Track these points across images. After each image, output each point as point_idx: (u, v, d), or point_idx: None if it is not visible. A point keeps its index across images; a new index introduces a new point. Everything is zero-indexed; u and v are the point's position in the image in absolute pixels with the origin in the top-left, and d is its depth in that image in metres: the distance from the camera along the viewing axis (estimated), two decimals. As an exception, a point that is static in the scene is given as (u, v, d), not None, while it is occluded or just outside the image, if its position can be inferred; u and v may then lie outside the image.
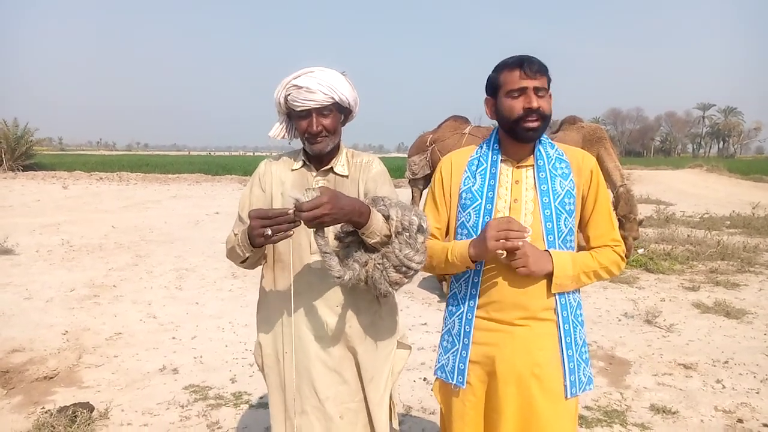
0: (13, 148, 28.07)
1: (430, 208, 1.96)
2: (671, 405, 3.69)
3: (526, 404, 1.79)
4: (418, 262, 1.64)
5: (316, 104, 1.79)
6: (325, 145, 1.86)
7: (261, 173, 1.98)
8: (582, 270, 1.80)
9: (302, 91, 1.78)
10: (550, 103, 1.77)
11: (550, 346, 1.81)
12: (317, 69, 1.82)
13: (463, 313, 1.87)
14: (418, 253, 1.64)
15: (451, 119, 8.64)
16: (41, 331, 5.06)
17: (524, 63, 1.72)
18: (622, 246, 1.89)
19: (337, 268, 1.60)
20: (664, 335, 5.14)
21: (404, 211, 1.66)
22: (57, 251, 8.92)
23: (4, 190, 19.45)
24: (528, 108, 1.72)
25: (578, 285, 1.83)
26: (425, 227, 1.67)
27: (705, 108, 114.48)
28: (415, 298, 6.38)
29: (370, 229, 1.62)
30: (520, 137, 1.79)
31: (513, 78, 1.73)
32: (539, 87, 1.73)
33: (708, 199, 18.55)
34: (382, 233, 1.64)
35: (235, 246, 1.77)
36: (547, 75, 1.76)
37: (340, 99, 1.82)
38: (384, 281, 1.64)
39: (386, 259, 1.64)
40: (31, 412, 3.57)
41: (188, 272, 7.63)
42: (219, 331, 5.22)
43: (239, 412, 3.59)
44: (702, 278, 7.37)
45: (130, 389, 3.95)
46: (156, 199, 18.14)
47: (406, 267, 1.63)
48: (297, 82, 1.79)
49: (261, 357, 2.03)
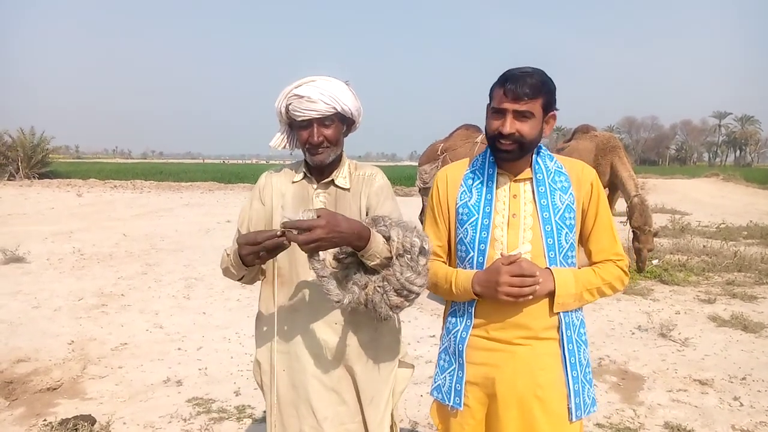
0: (30, 156, 28.45)
1: (430, 225, 1.89)
2: (686, 423, 3.57)
3: (528, 428, 1.71)
4: (419, 285, 1.58)
5: (318, 114, 1.74)
6: (326, 156, 1.80)
7: (261, 186, 1.93)
8: (585, 287, 1.72)
9: (303, 101, 1.73)
10: (534, 128, 1.66)
11: (553, 367, 1.73)
12: (319, 78, 1.77)
13: (459, 331, 1.80)
14: (420, 276, 1.58)
15: (463, 128, 8.57)
16: (47, 341, 5.05)
17: (509, 84, 1.63)
18: (626, 260, 1.81)
19: (335, 292, 1.53)
20: (679, 349, 5.01)
21: (406, 232, 1.59)
22: (68, 259, 8.95)
23: (20, 198, 19.66)
24: (500, 132, 1.66)
25: (581, 303, 1.75)
26: (427, 249, 1.60)
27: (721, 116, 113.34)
28: (424, 309, 6.30)
29: (369, 251, 1.55)
30: (497, 157, 1.75)
31: (498, 96, 1.67)
32: (522, 111, 1.63)
33: (724, 208, 18.28)
34: (383, 255, 1.57)
35: (229, 266, 1.74)
36: (542, 97, 1.64)
37: (342, 109, 1.77)
38: (384, 305, 1.57)
39: (387, 282, 1.57)
40: (33, 425, 3.53)
41: (197, 281, 7.60)
42: (225, 341, 5.18)
43: (242, 426, 3.53)
44: (718, 290, 7.20)
45: (133, 401, 3.90)
46: (168, 207, 18.23)
47: (407, 291, 1.56)
48: (298, 91, 1.74)
49: (260, 374, 1.97)
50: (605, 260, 1.78)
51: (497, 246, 1.74)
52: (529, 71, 1.65)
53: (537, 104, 1.65)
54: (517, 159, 1.72)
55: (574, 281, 1.70)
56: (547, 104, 1.67)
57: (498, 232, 1.74)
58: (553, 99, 1.68)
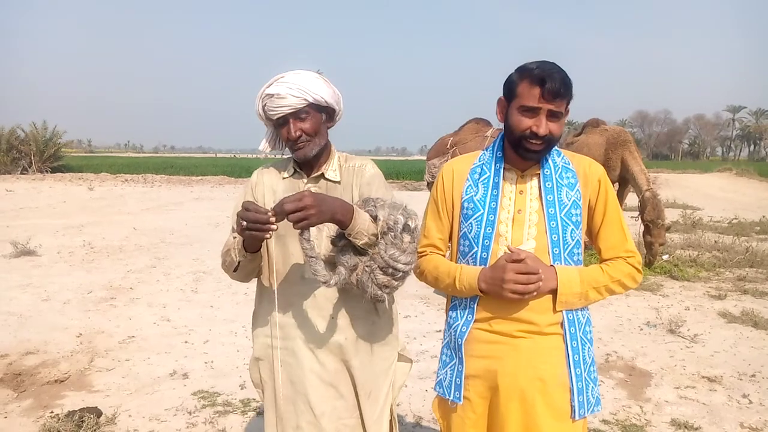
0: (42, 150, 28.68)
1: (432, 217, 1.86)
2: (693, 420, 3.54)
3: (530, 422, 1.69)
4: (405, 263, 1.58)
5: (290, 109, 1.75)
6: (309, 149, 1.80)
7: (253, 183, 1.94)
8: (591, 286, 1.69)
9: (274, 99, 1.76)
10: (561, 126, 1.65)
11: (556, 361, 1.71)
12: (288, 73, 1.79)
13: (459, 326, 1.78)
14: (405, 254, 1.58)
15: (473, 122, 8.52)
16: (56, 334, 5.09)
17: (547, 83, 1.57)
18: (638, 257, 1.76)
19: (322, 273, 1.55)
20: (688, 346, 4.96)
21: (392, 211, 1.59)
22: (78, 253, 9.02)
23: (32, 192, 19.85)
24: (534, 132, 1.62)
25: (587, 302, 1.72)
26: (412, 227, 1.61)
27: (735, 110, 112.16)
28: (431, 304, 6.28)
29: (355, 229, 1.56)
30: (521, 155, 1.70)
31: (531, 94, 1.60)
32: (555, 111, 1.61)
33: (737, 203, 18.06)
34: (370, 233, 1.58)
35: (231, 249, 1.75)
36: (569, 95, 1.62)
37: (314, 99, 1.77)
38: (372, 284, 1.58)
39: (373, 261, 1.58)
40: (40, 416, 3.56)
41: (205, 275, 7.63)
42: (232, 335, 5.19)
43: (246, 419, 3.54)
44: (729, 286, 7.12)
45: (139, 394, 3.93)
46: (178, 201, 18.32)
47: (392, 268, 1.57)
48: (269, 90, 1.77)
49: (258, 371, 1.96)
50: (615, 257, 1.75)
51: (502, 242, 1.72)
52: (555, 68, 1.60)
53: (566, 103, 1.63)
54: (540, 158, 1.71)
55: (579, 280, 1.68)
56: (570, 100, 1.65)
57: (503, 228, 1.72)
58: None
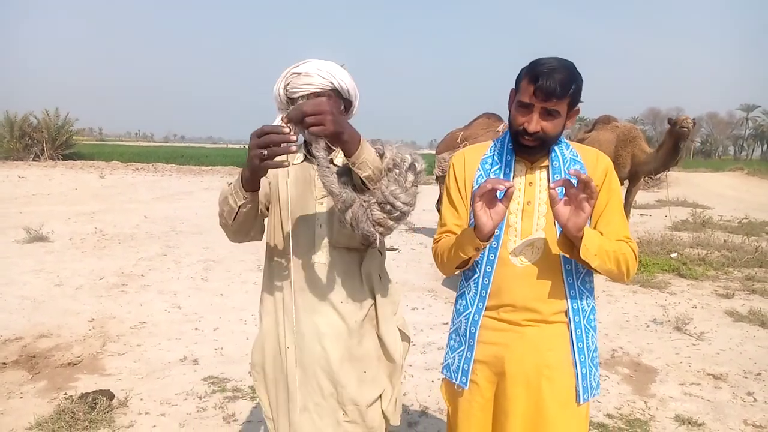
0: (54, 137, 28.82)
1: (448, 207, 1.89)
2: (698, 417, 3.57)
3: (535, 407, 1.74)
4: (404, 201, 1.58)
5: (315, 88, 1.78)
6: None
7: None
8: (605, 248, 1.67)
9: (301, 77, 1.79)
10: (558, 125, 1.67)
11: (561, 348, 1.76)
12: (315, 59, 1.84)
13: (470, 314, 1.82)
14: (406, 193, 1.59)
15: (484, 116, 8.52)
16: (69, 318, 5.17)
17: (540, 81, 1.59)
18: (635, 244, 1.80)
19: (336, 184, 1.54)
20: (694, 343, 4.97)
21: (399, 150, 1.62)
22: (89, 240, 9.12)
23: (44, 179, 19.99)
24: (523, 128, 1.67)
25: (601, 262, 1.67)
26: (418, 168, 1.63)
27: (749, 109, 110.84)
28: (438, 296, 6.32)
29: (360, 158, 1.53)
30: (517, 150, 1.76)
31: (526, 91, 1.64)
32: (550, 109, 1.63)
33: (748, 203, 17.93)
34: (374, 165, 1.56)
35: (228, 196, 1.70)
36: (570, 96, 1.63)
37: (339, 86, 1.81)
38: (366, 219, 1.58)
39: (372, 196, 1.58)
40: (54, 398, 3.64)
41: (215, 264, 7.71)
42: (241, 323, 5.26)
43: (255, 405, 3.60)
44: (737, 285, 7.11)
45: (150, 378, 4.00)
46: (188, 191, 18.44)
47: (390, 205, 1.57)
48: (296, 69, 1.81)
49: (262, 354, 1.97)
50: (616, 240, 1.76)
51: (511, 233, 1.76)
52: (560, 67, 1.61)
53: (564, 103, 1.64)
54: (537, 153, 1.75)
55: (597, 236, 1.68)
56: (573, 102, 1.67)
57: (512, 219, 1.76)
58: (579, 96, 1.67)
